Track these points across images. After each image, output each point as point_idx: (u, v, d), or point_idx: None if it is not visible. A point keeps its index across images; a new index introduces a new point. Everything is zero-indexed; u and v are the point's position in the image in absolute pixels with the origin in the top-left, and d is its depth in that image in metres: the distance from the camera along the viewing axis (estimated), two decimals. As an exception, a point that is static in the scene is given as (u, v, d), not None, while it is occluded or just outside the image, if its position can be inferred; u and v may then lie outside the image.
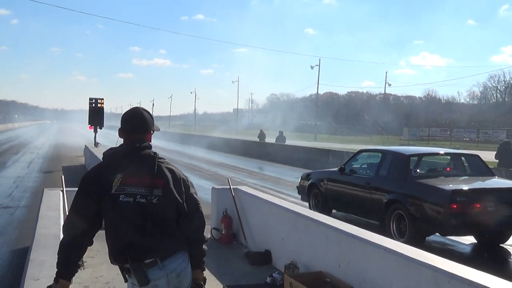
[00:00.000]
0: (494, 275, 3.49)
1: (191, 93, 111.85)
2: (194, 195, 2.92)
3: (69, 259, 2.72)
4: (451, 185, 7.98)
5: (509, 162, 14.28)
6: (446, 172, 9.36)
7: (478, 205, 7.59)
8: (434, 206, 7.80)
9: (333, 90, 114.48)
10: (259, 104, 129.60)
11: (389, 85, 77.03)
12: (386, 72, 77.59)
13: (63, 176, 7.75)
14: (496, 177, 9.40)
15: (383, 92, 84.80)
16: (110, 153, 2.81)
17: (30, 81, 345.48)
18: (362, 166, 10.13)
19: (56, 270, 2.74)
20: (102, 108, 22.66)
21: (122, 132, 2.86)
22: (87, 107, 22.49)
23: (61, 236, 4.59)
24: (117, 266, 2.81)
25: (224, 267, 6.34)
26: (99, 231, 2.77)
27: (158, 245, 2.70)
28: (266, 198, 7.36)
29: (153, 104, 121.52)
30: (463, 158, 9.66)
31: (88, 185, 2.74)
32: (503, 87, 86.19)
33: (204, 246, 2.93)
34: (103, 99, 22.41)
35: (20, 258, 7.04)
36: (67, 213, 6.05)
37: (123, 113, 3.00)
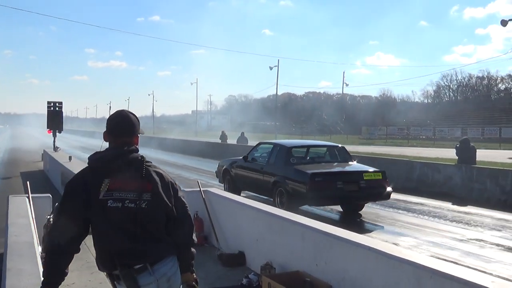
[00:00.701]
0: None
1: (148, 95, 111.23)
2: (182, 199, 2.90)
3: (56, 267, 2.64)
4: (313, 169, 10.71)
5: (468, 159, 14.67)
6: (318, 159, 12.20)
7: (331, 183, 10.36)
8: (300, 185, 10.45)
9: (291, 90, 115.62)
10: (217, 105, 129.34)
11: (347, 85, 78.26)
12: (344, 72, 79.44)
13: (28, 183, 7.50)
14: (355, 162, 12.07)
15: (340, 92, 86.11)
16: (96, 158, 2.73)
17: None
18: (260, 155, 12.65)
19: (42, 278, 2.67)
20: (61, 111, 22.21)
21: (108, 136, 2.81)
22: (41, 111, 22.20)
23: (35, 243, 4.50)
24: (89, 272, 2.75)
25: (197, 270, 6.19)
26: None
27: (147, 250, 2.66)
28: (238, 199, 7.36)
29: (110, 107, 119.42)
30: (336, 149, 12.40)
31: (74, 191, 2.67)
32: (455, 86, 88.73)
33: (193, 249, 2.91)
34: (61, 102, 21.97)
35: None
36: (34, 221, 5.91)
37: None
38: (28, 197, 7.05)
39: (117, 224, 2.62)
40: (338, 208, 11.82)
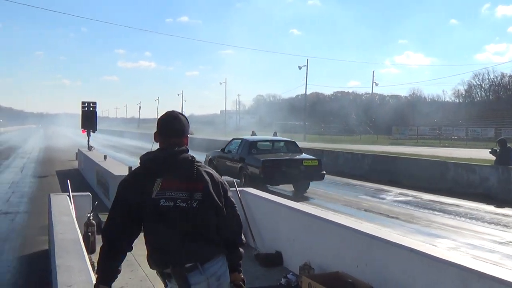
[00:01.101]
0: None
1: (178, 95, 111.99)
2: (231, 199, 2.93)
3: (110, 264, 2.70)
4: (265, 158, 14.39)
5: (506, 160, 14.36)
6: (273, 151, 15.91)
7: (277, 168, 14.01)
8: (256, 169, 14.11)
9: (319, 90, 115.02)
10: (245, 105, 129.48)
11: (377, 84, 77.52)
12: (373, 72, 78.10)
13: (69, 181, 7.66)
14: (303, 154, 15.80)
15: (370, 91, 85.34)
16: (149, 158, 2.77)
17: (14, 85, 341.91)
18: (233, 148, 16.08)
19: (96, 276, 2.73)
20: (95, 111, 22.51)
21: (159, 136, 2.84)
22: (72, 111, 22.61)
23: (80, 241, 4.59)
24: (129, 270, 2.80)
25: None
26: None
27: (198, 249, 2.69)
28: (274, 199, 7.36)
29: (140, 107, 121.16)
30: (289, 143, 16.58)
31: (127, 190, 2.72)
32: (488, 85, 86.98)
33: (241, 249, 2.94)
34: (95, 102, 22.26)
35: (29, 265, 6.99)
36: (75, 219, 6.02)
37: (158, 116, 2.97)
38: (69, 196, 7.19)
39: (169, 223, 2.65)
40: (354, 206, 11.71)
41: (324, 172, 14.90)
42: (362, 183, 17.41)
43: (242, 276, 2.97)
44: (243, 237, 3.01)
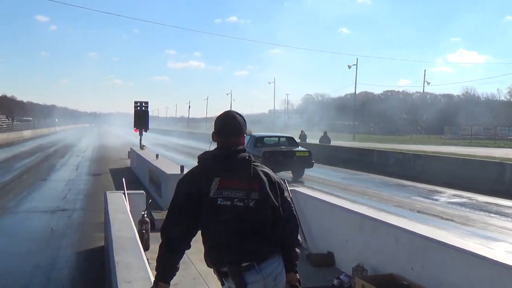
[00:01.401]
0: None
1: (227, 94, 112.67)
2: (288, 199, 2.92)
3: (169, 262, 2.74)
4: (266, 149, 17.81)
5: None
6: (274, 144, 19.06)
7: (275, 157, 17.26)
8: (258, 158, 18.49)
9: (368, 89, 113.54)
10: (294, 104, 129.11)
11: (428, 83, 75.59)
12: (425, 70, 76.56)
13: (124, 180, 7.83)
14: (299, 147, 19.29)
15: (420, 90, 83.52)
16: (207, 157, 2.80)
17: (69, 85, 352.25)
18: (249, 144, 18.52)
19: (156, 273, 2.77)
20: (147, 111, 22.92)
21: (216, 136, 2.87)
22: (124, 110, 23.04)
23: (137, 238, 4.68)
24: (182, 268, 2.82)
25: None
26: None
27: (255, 249, 2.69)
28: (326, 199, 7.31)
29: (189, 106, 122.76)
30: (288, 139, 19.94)
31: (185, 188, 2.74)
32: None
33: (297, 250, 2.92)
34: (147, 102, 22.66)
35: (85, 261, 7.18)
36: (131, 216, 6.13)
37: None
38: (124, 193, 7.35)
39: (226, 222, 2.66)
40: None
41: (314, 161, 18.47)
42: (414, 183, 17.07)
43: (298, 277, 2.94)
44: (299, 237, 2.98)
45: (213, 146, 2.91)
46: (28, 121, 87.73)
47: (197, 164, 2.84)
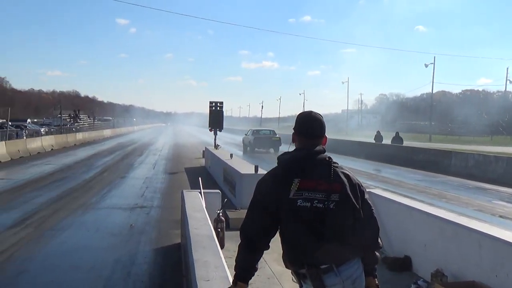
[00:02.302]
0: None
1: (300, 94, 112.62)
2: (369, 201, 2.85)
3: (248, 262, 2.75)
4: (255, 136, 32.95)
5: None
6: (264, 135, 33.19)
7: (261, 141, 32.52)
8: (252, 141, 32.80)
9: (445, 88, 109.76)
10: (367, 104, 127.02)
11: (511, 82, 71.90)
12: (507, 69, 72.70)
13: (200, 179, 7.99)
14: (276, 135, 33.05)
15: (502, 89, 79.64)
16: (287, 158, 2.79)
17: (146, 86, 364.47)
18: (248, 133, 34.32)
19: (235, 273, 2.79)
20: (222, 111, 23.27)
21: (297, 137, 2.85)
22: (198, 110, 23.54)
23: (214, 237, 4.76)
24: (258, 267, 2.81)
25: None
26: None
27: (334, 251, 2.65)
28: (404, 202, 7.12)
29: (262, 106, 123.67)
30: (272, 132, 34.29)
31: (265, 189, 2.74)
32: None
33: (377, 253, 2.86)
34: (222, 102, 23.02)
35: (163, 257, 7.38)
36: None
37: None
38: (200, 192, 7.49)
39: (305, 223, 2.64)
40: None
41: (281, 143, 30.97)
42: (496, 187, 16.33)
43: (377, 282, 2.89)
44: (380, 240, 2.92)
45: (293, 147, 2.89)
46: (108, 120, 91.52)
47: (276, 165, 2.84)
